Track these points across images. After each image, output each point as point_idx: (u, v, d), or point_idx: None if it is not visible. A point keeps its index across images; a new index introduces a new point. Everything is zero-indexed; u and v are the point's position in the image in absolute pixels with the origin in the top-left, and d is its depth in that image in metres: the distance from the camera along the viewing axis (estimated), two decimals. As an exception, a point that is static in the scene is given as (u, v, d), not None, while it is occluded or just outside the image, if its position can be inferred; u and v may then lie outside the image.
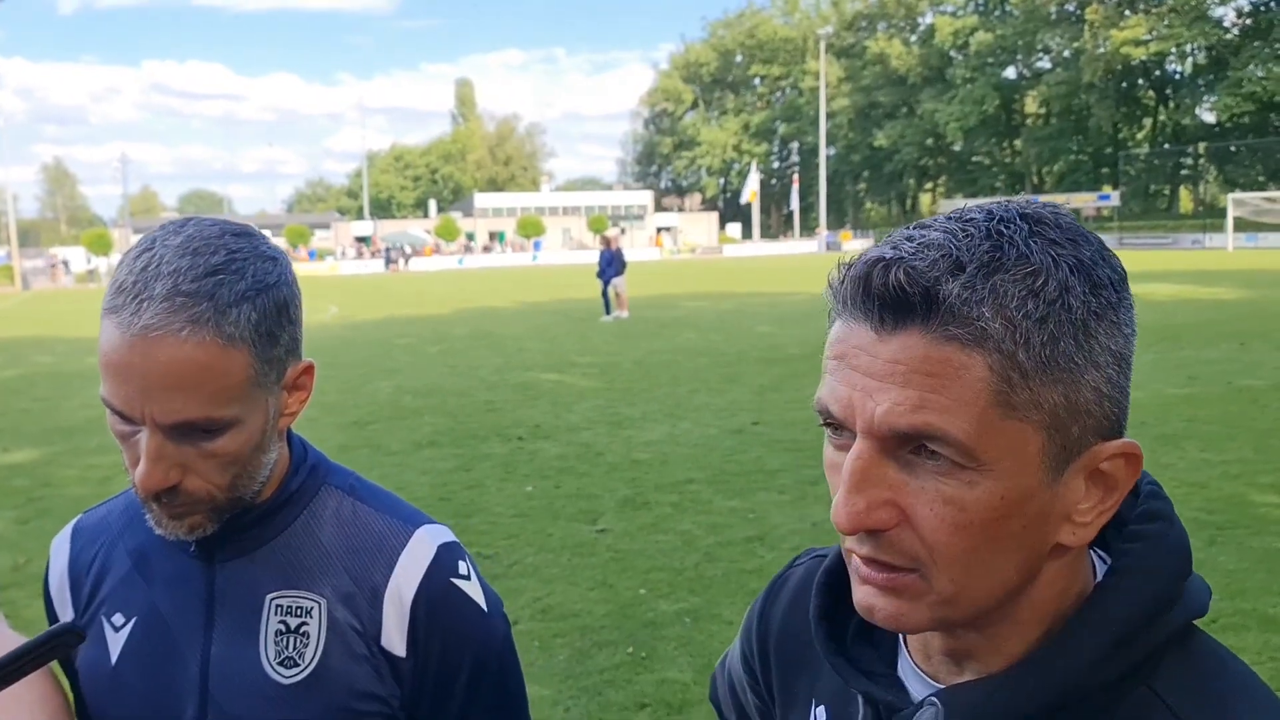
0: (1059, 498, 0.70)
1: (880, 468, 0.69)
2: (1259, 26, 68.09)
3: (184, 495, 1.06)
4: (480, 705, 1.20)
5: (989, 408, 0.66)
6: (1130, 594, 0.72)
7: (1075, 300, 0.67)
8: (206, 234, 1.04)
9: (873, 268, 0.69)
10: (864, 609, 0.73)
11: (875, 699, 0.79)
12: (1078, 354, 0.68)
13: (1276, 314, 18.50)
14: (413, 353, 16.66)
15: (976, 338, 0.66)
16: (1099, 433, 0.70)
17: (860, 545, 0.71)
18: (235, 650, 1.13)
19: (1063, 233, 0.70)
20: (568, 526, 6.54)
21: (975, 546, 0.69)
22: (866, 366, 0.69)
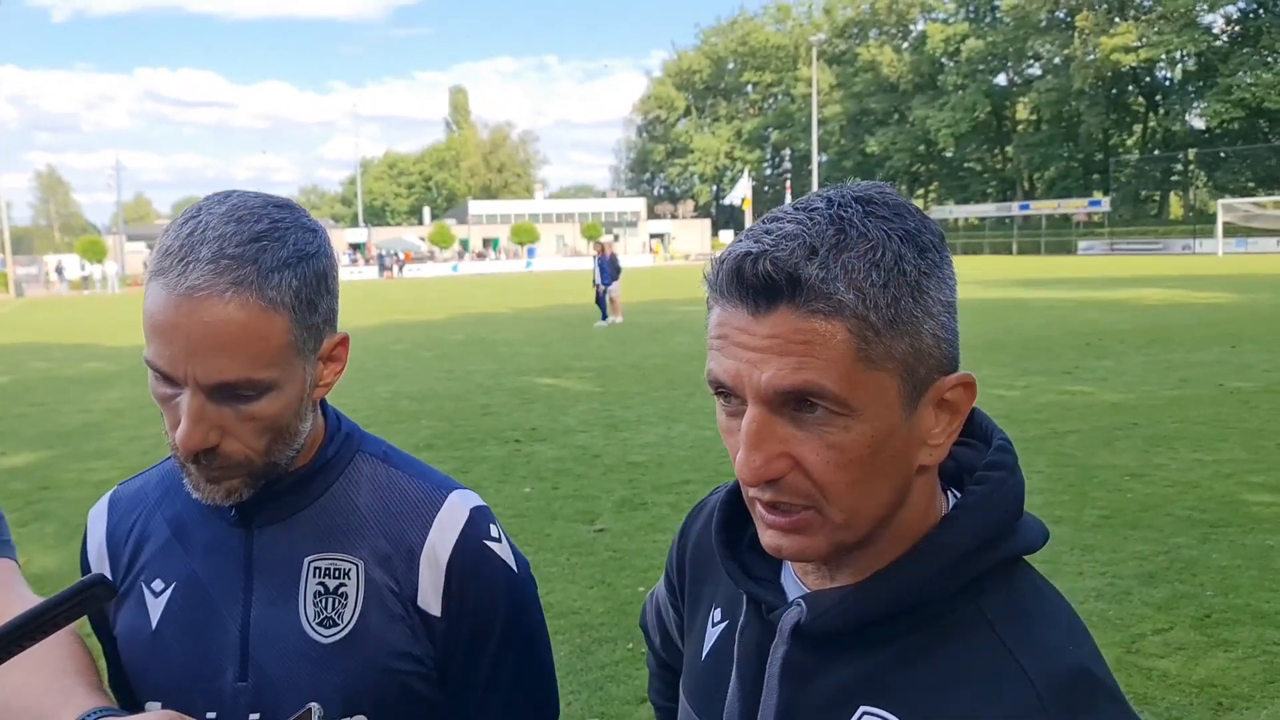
0: (915, 427, 0.84)
1: (771, 426, 0.81)
2: (1248, 33, 68.47)
3: (222, 458, 1.09)
4: (510, 664, 1.24)
5: (854, 363, 0.79)
6: (969, 525, 0.86)
7: (908, 265, 0.80)
8: (250, 203, 1.08)
9: (742, 261, 0.80)
10: (773, 549, 0.85)
11: (757, 598, 0.93)
12: (916, 309, 0.80)
13: (1266, 317, 18.61)
14: (409, 358, 16.69)
15: (835, 309, 0.78)
16: (940, 369, 0.84)
17: (763, 493, 0.83)
18: (275, 612, 1.17)
19: (890, 209, 0.82)
20: (566, 527, 6.58)
21: (857, 479, 0.81)
22: (747, 342, 0.81)
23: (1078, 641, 0.84)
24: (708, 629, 1.04)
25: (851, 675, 0.87)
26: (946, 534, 0.86)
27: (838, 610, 0.86)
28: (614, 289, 22.60)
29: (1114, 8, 73.78)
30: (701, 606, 1.07)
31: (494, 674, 1.23)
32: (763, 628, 0.93)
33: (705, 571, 1.09)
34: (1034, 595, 0.87)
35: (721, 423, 0.87)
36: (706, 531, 1.09)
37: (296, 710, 1.04)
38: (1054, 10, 77.13)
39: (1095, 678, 0.81)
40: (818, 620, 0.87)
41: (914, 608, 0.85)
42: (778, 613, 0.90)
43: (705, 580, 1.09)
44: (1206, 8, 69.55)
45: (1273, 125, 68.96)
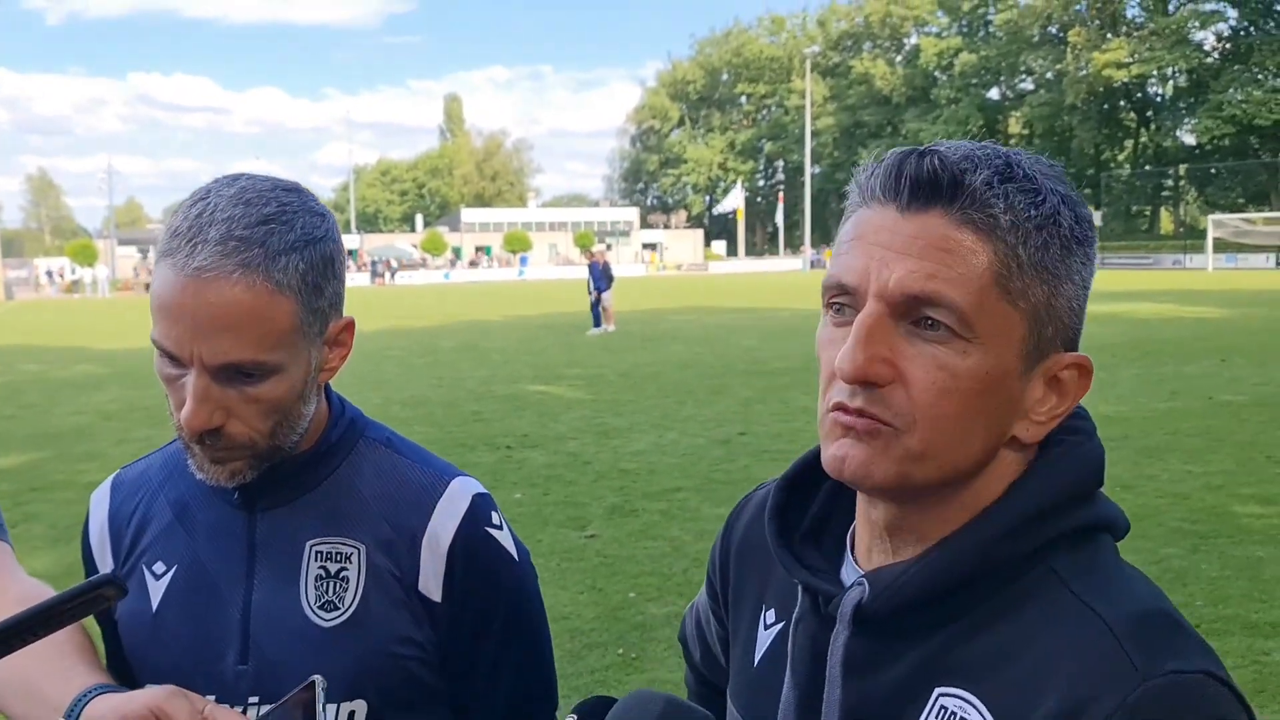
0: (1025, 393, 0.80)
1: (885, 329, 0.77)
2: (1239, 50, 68.98)
3: (226, 439, 1.09)
4: (511, 652, 1.24)
5: (989, 287, 0.76)
6: (1039, 486, 0.81)
7: (1065, 221, 0.79)
8: (259, 187, 1.08)
9: (905, 157, 0.79)
10: (836, 460, 0.80)
11: (813, 587, 0.87)
12: (1060, 265, 0.79)
13: (1256, 332, 18.69)
14: (401, 364, 16.66)
15: (990, 225, 0.76)
16: (1063, 341, 0.81)
17: (853, 398, 0.78)
18: (276, 596, 1.17)
19: (1059, 174, 0.81)
20: (556, 532, 6.56)
21: (955, 412, 0.77)
22: (886, 241, 0.78)
23: (1155, 594, 0.80)
24: (759, 633, 0.98)
25: (920, 658, 0.81)
26: (1016, 496, 0.81)
27: (902, 583, 0.81)
28: (606, 297, 22.61)
29: (1106, 24, 74.24)
30: (747, 609, 1.02)
31: (495, 662, 1.23)
32: (820, 621, 0.87)
33: (751, 570, 1.03)
34: (1112, 561, 0.82)
35: (823, 335, 0.82)
36: (755, 525, 1.03)
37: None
38: (1047, 26, 77.59)
39: (1171, 617, 0.77)
40: (881, 596, 0.82)
41: (981, 576, 0.80)
42: (836, 600, 0.85)
43: (751, 580, 1.02)
44: (1198, 25, 70.08)
45: (1263, 142, 69.43)
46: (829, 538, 0.94)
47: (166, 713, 1.00)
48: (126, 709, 1.02)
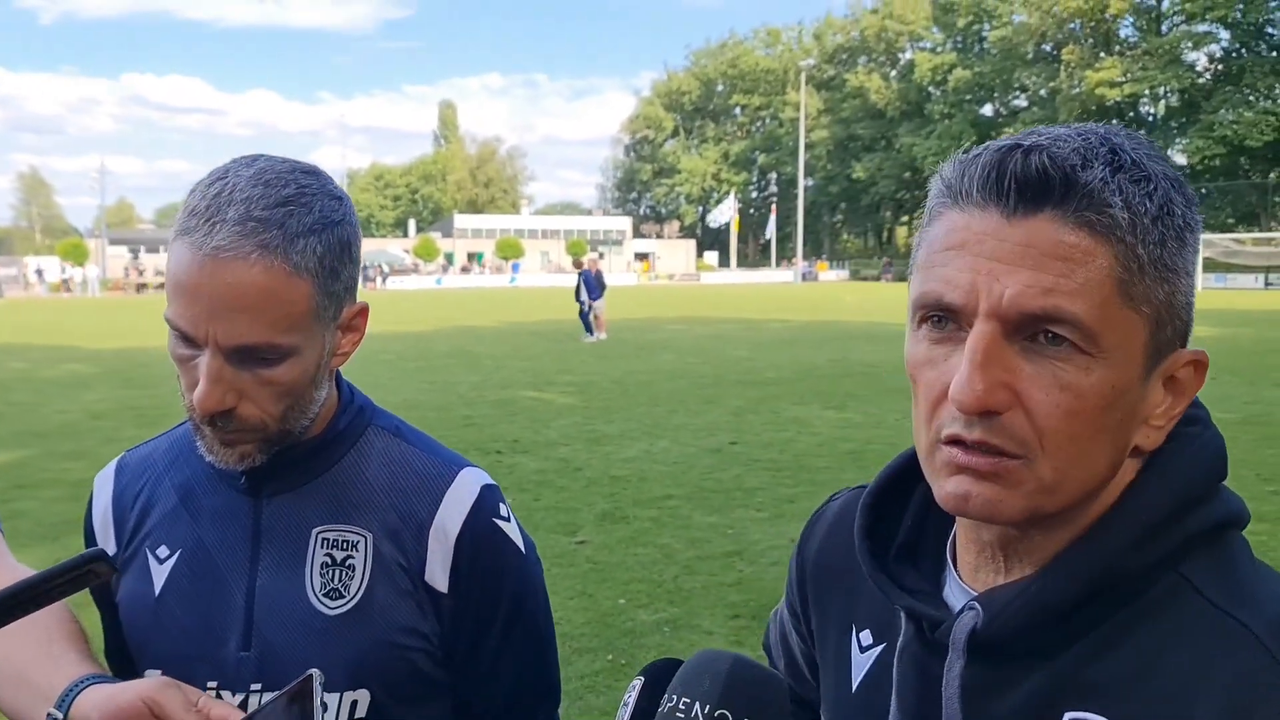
0: (1144, 399, 0.75)
1: (1001, 350, 0.71)
2: (1230, 72, 69.46)
3: (238, 421, 1.08)
4: (515, 644, 1.23)
5: (1112, 295, 0.70)
6: (1161, 486, 0.75)
7: (1177, 209, 0.73)
8: (278, 168, 1.07)
9: (1008, 155, 0.72)
10: (957, 498, 0.73)
11: (918, 613, 0.81)
12: (1178, 258, 0.73)
13: (1246, 352, 18.77)
14: (392, 368, 16.61)
15: (1108, 225, 0.70)
16: (1180, 338, 0.75)
17: (970, 430, 0.72)
18: (281, 582, 1.16)
19: (1157, 151, 0.75)
20: (547, 538, 6.54)
21: (1083, 434, 0.71)
22: (993, 251, 0.71)
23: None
24: (853, 655, 0.92)
25: (1044, 681, 0.75)
26: (1137, 498, 0.76)
27: (1019, 605, 0.75)
28: (598, 305, 22.62)
29: (1100, 43, 74.70)
30: (832, 629, 0.96)
31: (499, 655, 1.22)
32: (927, 647, 0.81)
33: (834, 587, 0.97)
34: (1248, 564, 0.77)
35: (918, 354, 0.76)
36: (832, 541, 0.98)
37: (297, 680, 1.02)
38: (1041, 43, 78.02)
39: None
40: (998, 620, 0.75)
41: (1107, 590, 0.74)
42: (945, 625, 0.78)
43: (834, 598, 0.96)
44: (1190, 46, 70.56)
45: (1253, 163, 69.89)
46: (925, 555, 0.88)
47: (160, 704, 0.99)
48: (119, 699, 1.00)
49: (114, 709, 1.00)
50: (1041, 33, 76.73)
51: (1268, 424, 10.76)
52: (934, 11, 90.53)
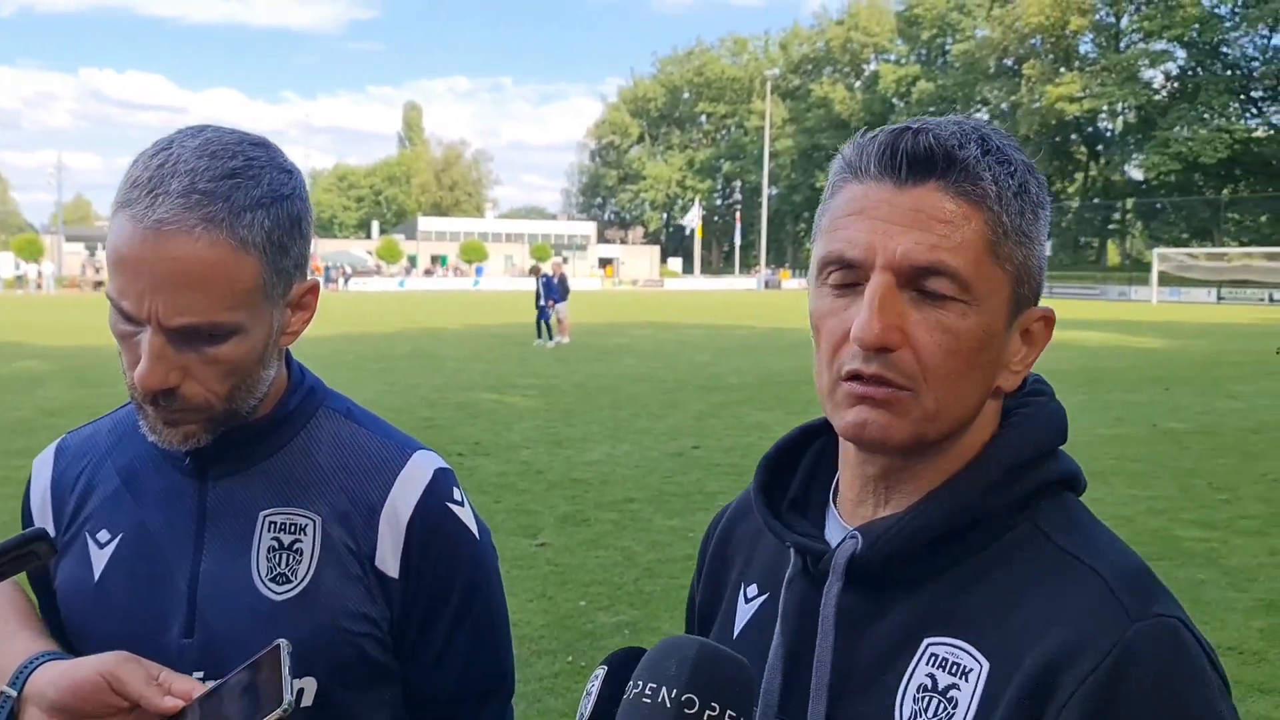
0: (1006, 345, 0.88)
1: (894, 298, 0.83)
2: (1186, 90, 70.72)
3: (181, 400, 1.05)
4: (466, 631, 1.20)
5: (983, 252, 0.83)
6: (1015, 442, 0.89)
7: (1033, 188, 0.87)
8: (225, 139, 1.04)
9: (900, 135, 0.85)
10: (856, 425, 0.85)
11: (804, 548, 0.92)
12: (1033, 228, 0.87)
13: (1198, 363, 19.10)
14: (352, 369, 16.46)
15: (980, 195, 0.83)
16: (1033, 296, 0.89)
17: (868, 364, 0.83)
18: (226, 566, 1.12)
19: (1014, 142, 0.88)
20: (507, 540, 6.50)
21: (959, 370, 0.84)
22: (887, 214, 0.83)
23: (1129, 550, 0.87)
24: (739, 607, 1.01)
25: (910, 610, 0.86)
26: (996, 449, 0.88)
27: (894, 533, 0.86)
28: (562, 309, 22.58)
29: (1060, 58, 75.79)
30: (725, 593, 1.05)
31: (450, 643, 1.19)
32: (810, 581, 0.91)
33: (732, 557, 1.07)
34: (1087, 516, 0.89)
35: (821, 308, 0.87)
36: (733, 521, 1.09)
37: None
38: (1002, 58, 79.01)
39: (1150, 571, 0.84)
40: (874, 547, 0.86)
41: (969, 527, 0.86)
42: (828, 556, 0.89)
43: (729, 565, 1.07)
44: (1148, 63, 71.80)
45: (1207, 180, 71.18)
46: (813, 508, 0.99)
47: (119, 678, 0.96)
48: (76, 675, 0.97)
49: (70, 684, 0.97)
50: (1003, 47, 77.73)
51: (1219, 434, 10.94)
52: (898, 24, 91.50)
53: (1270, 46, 69.04)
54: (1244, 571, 6.05)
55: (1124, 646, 0.77)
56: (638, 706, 0.79)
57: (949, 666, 0.83)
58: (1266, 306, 49.84)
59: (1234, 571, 6.05)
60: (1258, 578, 5.93)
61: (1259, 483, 8.49)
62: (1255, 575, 5.98)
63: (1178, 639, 0.79)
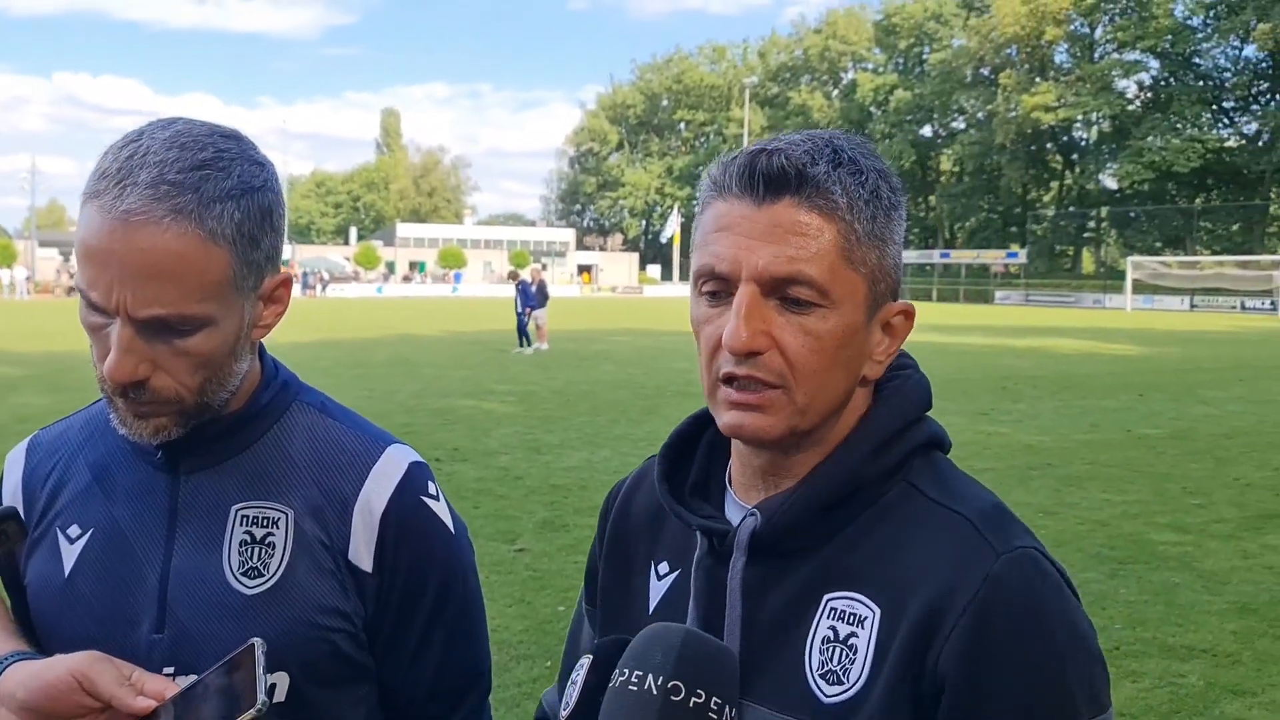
0: (868, 339, 0.95)
1: (760, 306, 0.90)
2: (1159, 99, 71.46)
3: (151, 393, 1.04)
4: (443, 628, 1.19)
5: (837, 259, 0.91)
6: (887, 411, 0.98)
7: (884, 193, 0.94)
8: (196, 131, 1.03)
9: (757, 156, 0.91)
10: (734, 426, 0.93)
11: (709, 529, 0.99)
12: (885, 230, 0.94)
13: (1172, 370, 19.28)
14: (330, 375, 16.37)
15: (831, 207, 0.90)
16: (891, 293, 0.96)
17: (740, 367, 0.91)
18: (197, 561, 1.11)
19: (869, 151, 0.95)
20: (485, 545, 6.48)
21: (824, 366, 0.92)
22: (749, 230, 0.91)
23: (991, 493, 0.97)
24: (651, 585, 1.07)
25: (808, 572, 0.94)
26: (872, 422, 0.97)
27: (788, 507, 0.94)
28: (540, 315, 22.54)
29: (1035, 68, 76.42)
30: (634, 570, 1.11)
31: (425, 638, 1.19)
32: (716, 557, 0.99)
33: (633, 535, 1.13)
34: (951, 470, 0.99)
35: (699, 315, 0.95)
36: (632, 500, 1.15)
37: (217, 661, 0.99)
38: (979, 67, 79.61)
39: (1009, 510, 0.95)
40: (772, 521, 0.94)
41: (852, 494, 0.95)
42: (731, 534, 0.97)
43: (634, 543, 1.12)
44: (1121, 73, 72.50)
45: (1180, 189, 71.91)
46: (712, 490, 1.07)
47: (90, 678, 0.95)
48: (47, 675, 0.96)
49: (41, 685, 0.96)
50: (980, 57, 78.31)
51: (1192, 439, 11.06)
52: (876, 33, 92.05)
53: (1241, 57, 70.01)
54: (1217, 574, 6.11)
55: (993, 577, 0.87)
56: (624, 694, 0.81)
57: (846, 617, 0.92)
58: (1238, 314, 50.39)
59: (1207, 574, 6.11)
60: (1230, 580, 5.99)
61: (1231, 487, 8.59)
62: (1228, 578, 6.04)
63: (1038, 566, 0.89)
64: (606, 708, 0.84)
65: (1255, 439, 11.09)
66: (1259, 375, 18.37)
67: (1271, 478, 8.98)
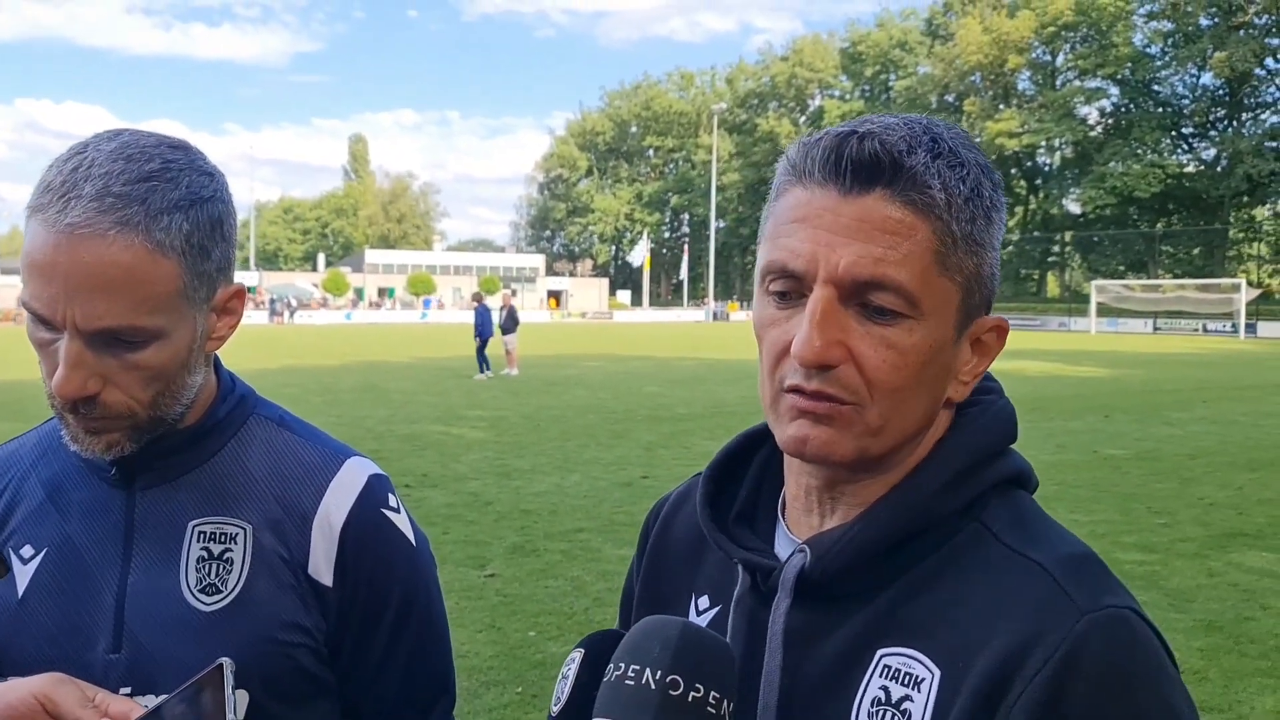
0: (956, 356, 0.84)
1: (837, 312, 0.79)
2: (1119, 126, 72.73)
3: (102, 408, 1.02)
4: (405, 642, 1.18)
5: (930, 264, 0.79)
6: (963, 441, 0.86)
7: (986, 190, 0.82)
8: (143, 142, 1.02)
9: (845, 140, 0.80)
10: (798, 440, 0.82)
11: (753, 564, 0.88)
12: (985, 234, 0.82)
13: (1136, 392, 19.50)
14: (297, 402, 16.22)
15: (928, 204, 0.79)
16: (985, 305, 0.85)
17: (809, 380, 0.80)
18: (154, 579, 1.09)
19: (969, 141, 0.84)
20: (455, 571, 6.43)
21: (905, 385, 0.80)
22: (831, 224, 0.79)
23: (1079, 541, 0.84)
24: (691, 618, 0.97)
25: (861, 622, 0.83)
26: (945, 453, 0.85)
27: (843, 545, 0.83)
28: (510, 340, 22.50)
29: (999, 95, 77.61)
30: (672, 601, 1.00)
31: (387, 652, 1.17)
32: (759, 597, 0.88)
33: (673, 562, 1.02)
34: (1035, 514, 0.86)
35: (764, 317, 0.84)
36: (674, 522, 1.04)
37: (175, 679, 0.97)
38: (944, 94, 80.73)
39: (1099, 561, 0.81)
40: (824, 560, 0.83)
41: (917, 534, 0.83)
42: (776, 572, 0.86)
43: (673, 571, 1.02)
44: (1083, 100, 73.78)
45: (1142, 213, 73.08)
46: (760, 518, 0.95)
47: (54, 700, 0.93)
48: (9, 698, 0.94)
49: (3, 707, 0.94)
50: (944, 84, 79.49)
51: (1157, 459, 11.16)
52: (842, 60, 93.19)
53: (1199, 85, 71.37)
54: (1183, 593, 6.16)
55: (1074, 639, 0.74)
56: (620, 688, 0.77)
57: (901, 677, 0.80)
58: (1200, 336, 51.14)
59: (1174, 593, 6.16)
60: (1196, 599, 6.04)
61: (1195, 506, 8.67)
62: (1194, 596, 6.09)
63: (1131, 629, 0.76)
64: (601, 702, 0.78)
65: (1218, 459, 11.22)
66: (1221, 396, 18.61)
67: (1234, 497, 9.09)
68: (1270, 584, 6.33)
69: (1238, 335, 49.85)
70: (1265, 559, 6.93)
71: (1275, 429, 13.77)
